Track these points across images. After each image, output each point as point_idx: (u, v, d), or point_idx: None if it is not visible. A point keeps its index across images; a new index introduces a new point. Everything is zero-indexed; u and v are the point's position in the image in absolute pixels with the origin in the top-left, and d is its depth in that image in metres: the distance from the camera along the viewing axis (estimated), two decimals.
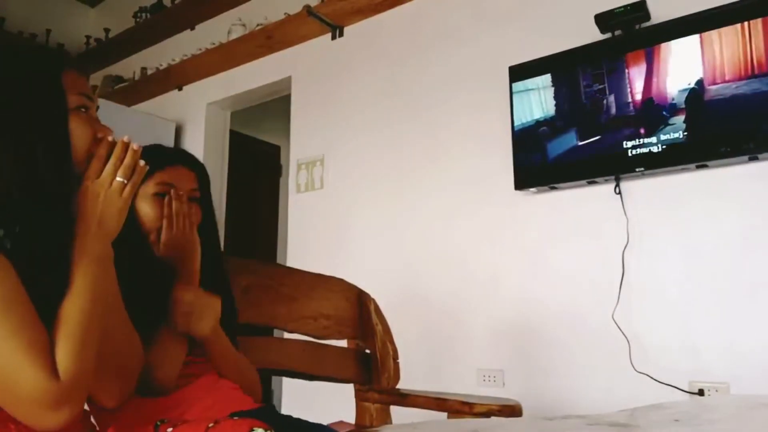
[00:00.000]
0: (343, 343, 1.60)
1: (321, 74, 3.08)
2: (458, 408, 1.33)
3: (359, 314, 1.57)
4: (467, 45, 2.56)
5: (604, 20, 2.09)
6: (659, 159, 1.95)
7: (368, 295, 1.59)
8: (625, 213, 2.03)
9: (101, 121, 0.87)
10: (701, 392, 1.83)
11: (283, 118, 3.33)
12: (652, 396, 1.80)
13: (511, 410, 1.30)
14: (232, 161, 3.74)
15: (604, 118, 2.07)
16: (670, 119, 1.94)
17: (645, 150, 1.97)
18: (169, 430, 0.88)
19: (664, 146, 1.94)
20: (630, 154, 2.00)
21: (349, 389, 1.57)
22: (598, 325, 2.02)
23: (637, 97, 2.01)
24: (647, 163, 1.97)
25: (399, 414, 1.47)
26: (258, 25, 3.19)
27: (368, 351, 1.57)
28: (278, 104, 3.46)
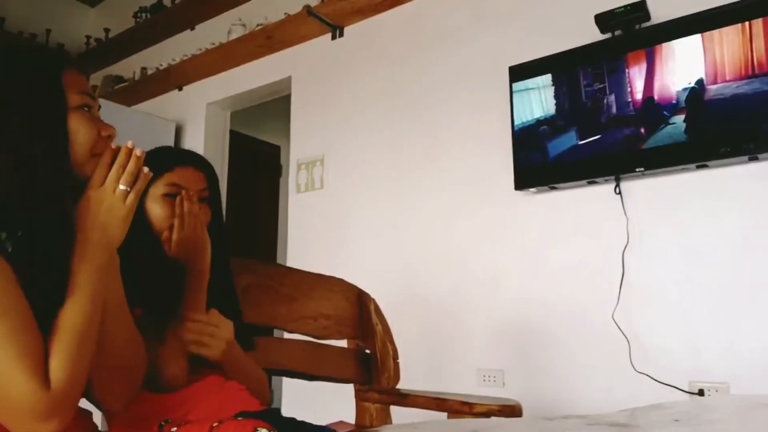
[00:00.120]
0: (343, 343, 1.60)
1: (321, 74, 3.08)
2: (458, 408, 1.33)
3: (359, 314, 1.57)
4: (467, 45, 2.56)
5: (604, 20, 2.09)
6: (659, 159, 1.95)
7: (368, 295, 1.59)
8: (625, 213, 2.03)
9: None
10: (701, 392, 1.83)
11: (283, 118, 3.33)
12: (652, 396, 1.80)
13: (511, 410, 1.30)
14: (232, 161, 3.74)
15: (605, 118, 2.07)
16: (671, 119, 1.94)
17: (645, 150, 1.97)
18: (173, 430, 0.88)
19: (665, 146, 1.94)
20: (630, 154, 2.00)
21: (349, 389, 1.57)
22: (598, 325, 2.03)
23: (638, 97, 2.01)
24: (647, 163, 1.97)
25: (399, 414, 1.47)
26: (258, 25, 3.19)
27: (368, 351, 1.57)
28: (278, 104, 3.46)
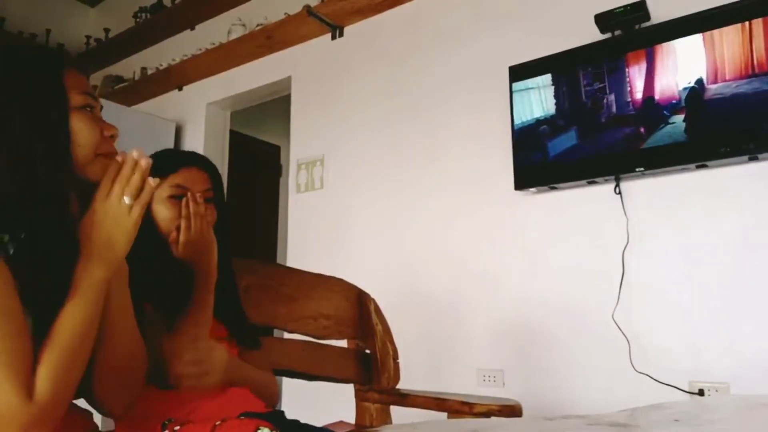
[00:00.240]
0: (343, 343, 1.60)
1: (321, 74, 3.08)
2: (458, 408, 1.33)
3: (359, 314, 1.57)
4: (467, 45, 2.56)
5: (604, 20, 2.09)
6: (659, 159, 1.95)
7: (368, 295, 1.59)
8: (625, 213, 2.03)
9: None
10: (701, 392, 1.83)
11: (283, 118, 3.33)
12: (652, 396, 1.80)
13: (511, 410, 1.30)
14: (232, 161, 3.74)
15: (605, 117, 2.07)
16: (671, 118, 1.94)
17: (645, 149, 1.97)
18: (176, 429, 0.88)
19: (664, 146, 1.94)
20: (630, 154, 2.00)
21: (349, 389, 1.57)
22: (598, 325, 2.02)
23: (638, 97, 2.01)
24: (647, 163, 1.97)
25: (399, 414, 1.47)
26: (258, 25, 3.19)
27: (368, 351, 1.57)
28: (278, 104, 3.46)
